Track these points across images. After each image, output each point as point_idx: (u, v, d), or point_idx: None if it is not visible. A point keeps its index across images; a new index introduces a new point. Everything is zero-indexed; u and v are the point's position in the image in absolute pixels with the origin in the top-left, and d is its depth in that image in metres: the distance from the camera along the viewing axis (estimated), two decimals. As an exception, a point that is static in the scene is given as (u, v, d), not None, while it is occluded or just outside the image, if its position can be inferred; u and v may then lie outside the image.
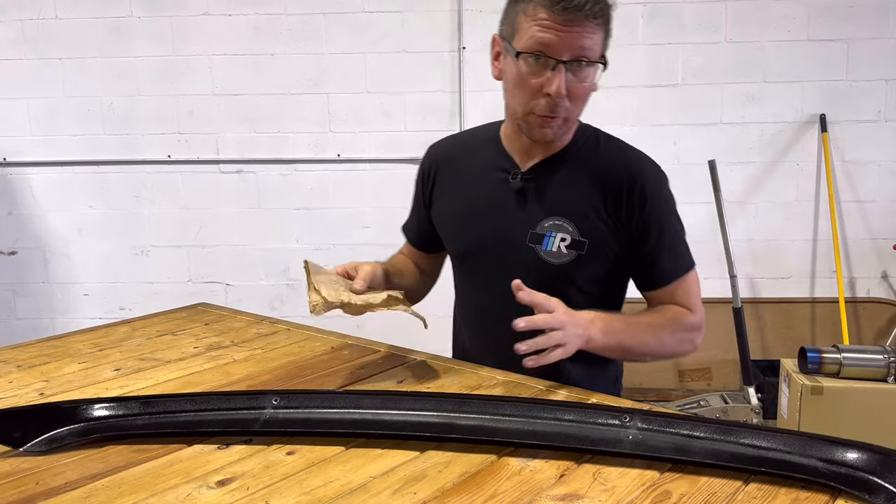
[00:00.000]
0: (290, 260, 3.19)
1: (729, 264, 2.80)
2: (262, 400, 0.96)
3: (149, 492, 0.78)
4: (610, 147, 1.25)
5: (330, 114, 3.08)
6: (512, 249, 1.23)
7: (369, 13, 2.99)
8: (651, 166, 1.23)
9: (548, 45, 1.08)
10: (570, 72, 1.09)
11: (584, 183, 1.21)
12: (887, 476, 0.72)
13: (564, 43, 1.07)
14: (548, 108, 1.12)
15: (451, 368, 1.20)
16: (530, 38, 1.08)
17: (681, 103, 3.01)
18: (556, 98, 1.10)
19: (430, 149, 1.41)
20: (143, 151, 3.14)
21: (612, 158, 1.23)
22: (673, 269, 1.24)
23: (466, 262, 1.33)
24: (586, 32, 1.08)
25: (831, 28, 2.93)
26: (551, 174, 1.23)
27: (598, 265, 1.22)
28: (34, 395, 1.12)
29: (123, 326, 1.53)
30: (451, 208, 1.33)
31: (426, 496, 0.76)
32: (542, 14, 1.07)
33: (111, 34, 3.05)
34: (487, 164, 1.28)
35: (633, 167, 1.21)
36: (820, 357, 2.21)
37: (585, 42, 1.08)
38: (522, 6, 1.10)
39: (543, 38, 1.07)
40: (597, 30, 1.09)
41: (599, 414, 0.88)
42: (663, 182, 1.23)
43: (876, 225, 3.07)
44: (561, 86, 1.08)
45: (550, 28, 1.07)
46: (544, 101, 1.11)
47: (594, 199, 1.20)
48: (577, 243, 1.20)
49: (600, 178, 1.20)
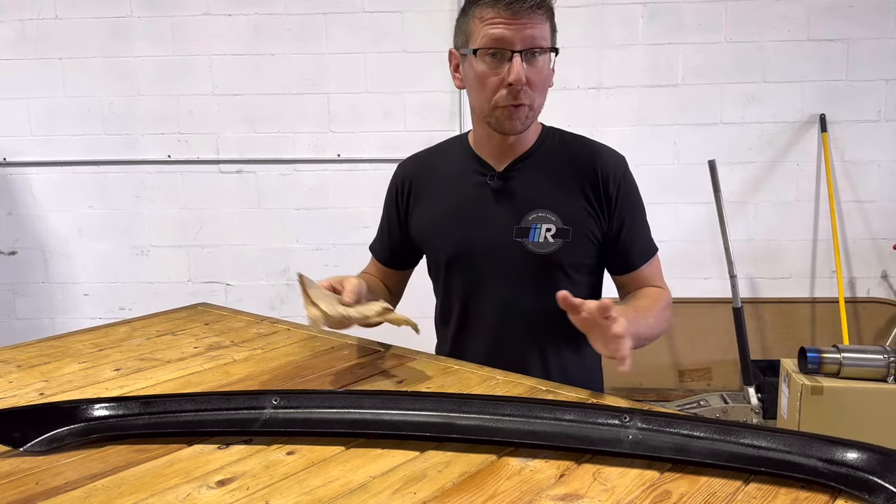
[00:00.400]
0: (290, 260, 3.19)
1: (729, 264, 2.80)
2: (262, 400, 0.96)
3: (149, 492, 0.78)
4: (576, 141, 1.33)
5: (330, 114, 3.08)
6: (500, 247, 1.27)
7: (369, 13, 2.99)
8: (616, 154, 1.31)
9: (501, 39, 1.15)
10: (526, 62, 1.16)
11: (559, 175, 1.28)
12: (887, 476, 0.72)
13: (516, 35, 1.14)
14: (511, 97, 1.17)
15: (451, 368, 1.20)
16: (484, 37, 1.16)
17: (681, 103, 3.01)
18: (517, 85, 1.15)
19: (399, 166, 1.44)
20: (143, 151, 3.14)
21: (581, 151, 1.31)
22: (645, 251, 1.32)
23: (454, 266, 1.34)
24: (534, 23, 1.15)
25: (831, 28, 2.93)
26: (526, 171, 1.29)
27: (583, 250, 1.28)
28: (34, 395, 1.11)
29: (123, 326, 1.53)
30: (433, 217, 1.35)
31: (426, 496, 0.76)
32: (489, 14, 1.15)
33: (111, 34, 3.05)
34: (463, 171, 1.33)
35: (601, 156, 1.29)
36: (820, 357, 2.21)
37: (535, 32, 1.15)
38: (472, 12, 1.19)
39: (495, 33, 1.15)
40: (543, 20, 1.16)
41: (599, 414, 0.88)
42: (628, 168, 1.31)
43: (876, 225, 3.07)
44: (520, 72, 1.14)
45: (500, 24, 1.14)
46: (506, 91, 1.17)
47: (571, 188, 1.27)
48: (562, 231, 1.25)
49: (573, 168, 1.28)
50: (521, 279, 1.28)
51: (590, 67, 3.00)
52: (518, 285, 1.28)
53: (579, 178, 1.27)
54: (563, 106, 2.99)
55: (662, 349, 3.14)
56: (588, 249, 1.28)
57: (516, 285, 1.29)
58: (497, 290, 1.30)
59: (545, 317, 1.27)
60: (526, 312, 1.29)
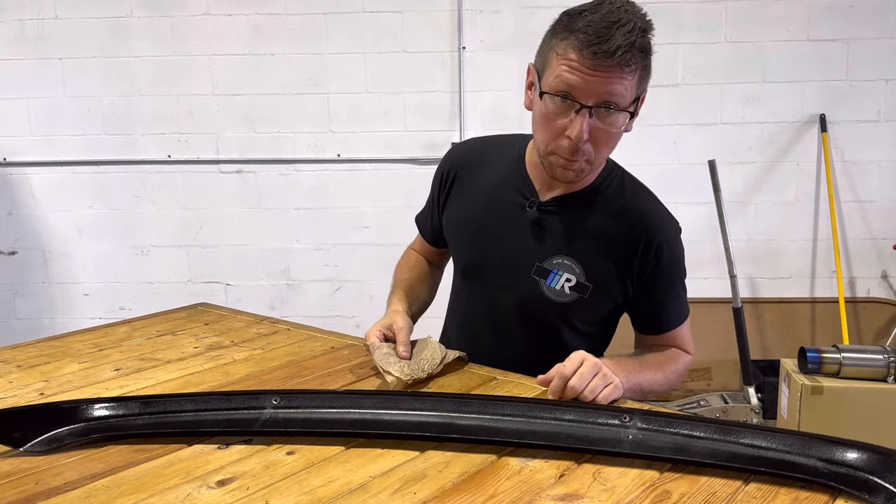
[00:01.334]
0: (290, 260, 3.19)
1: (729, 264, 2.80)
2: (262, 400, 0.96)
3: (149, 492, 0.78)
4: (633, 194, 1.23)
5: (330, 114, 3.08)
6: (515, 277, 1.23)
7: (369, 13, 2.99)
8: (670, 221, 1.23)
9: (573, 88, 1.04)
10: (596, 116, 1.06)
11: (601, 226, 1.20)
12: (887, 476, 0.72)
13: (591, 88, 1.04)
14: (569, 151, 1.09)
15: (451, 368, 1.20)
16: (557, 78, 1.05)
17: (681, 103, 3.01)
18: (577, 142, 1.07)
19: (452, 150, 1.38)
20: (143, 151, 3.14)
21: (634, 207, 1.21)
22: (676, 318, 1.27)
23: (469, 277, 1.33)
24: (616, 79, 1.04)
25: (831, 28, 2.93)
26: (569, 211, 1.21)
27: (598, 309, 1.24)
28: (34, 395, 1.12)
29: (123, 326, 1.53)
30: (463, 220, 1.31)
31: (426, 496, 0.76)
32: (572, 55, 1.03)
33: (111, 34, 3.05)
34: (507, 185, 1.26)
35: (653, 220, 1.21)
36: (820, 357, 2.21)
37: (614, 88, 1.04)
38: (556, 42, 1.07)
39: (570, 79, 1.04)
40: (627, 76, 1.05)
41: (599, 414, 0.88)
42: (679, 238, 1.24)
43: (876, 225, 3.07)
44: (583, 130, 1.06)
45: (578, 70, 1.03)
46: (566, 143, 1.08)
47: (608, 245, 1.19)
48: (581, 286, 1.20)
49: (618, 224, 1.19)
50: (527, 316, 1.25)
51: (590, 67, 3.00)
52: (522, 320, 1.26)
53: (620, 235, 1.19)
54: (563, 106, 2.99)
55: (662, 349, 3.13)
56: (604, 309, 1.25)
57: (520, 320, 1.26)
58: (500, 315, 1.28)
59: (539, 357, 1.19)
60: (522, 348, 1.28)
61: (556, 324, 1.24)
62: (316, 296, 3.17)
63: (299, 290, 3.21)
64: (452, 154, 1.37)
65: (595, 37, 1.01)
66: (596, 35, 1.01)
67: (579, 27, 1.03)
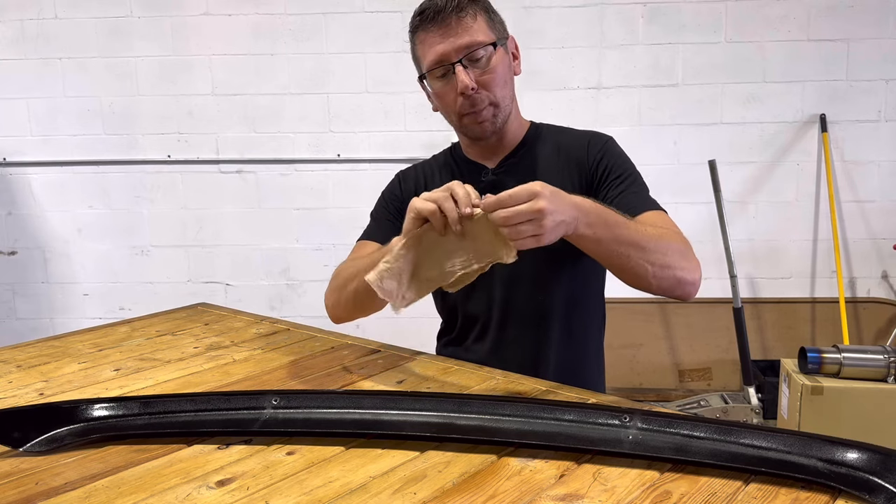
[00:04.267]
0: (290, 260, 3.19)
1: (729, 264, 2.80)
2: (262, 400, 0.96)
3: (149, 492, 0.78)
4: (563, 131, 1.35)
5: (330, 114, 3.08)
6: None
7: (369, 13, 2.99)
8: (600, 133, 1.33)
9: (438, 57, 1.19)
10: (470, 66, 1.18)
11: (549, 165, 1.29)
12: (887, 476, 0.72)
13: (448, 48, 1.18)
14: (468, 105, 1.20)
15: (451, 368, 1.20)
16: (425, 60, 1.22)
17: (681, 103, 3.01)
18: (467, 92, 1.18)
19: (399, 173, 1.44)
20: (143, 151, 3.14)
21: (567, 136, 1.33)
22: (646, 203, 1.21)
23: None
24: (460, 29, 1.17)
25: (831, 28, 2.93)
26: (517, 165, 1.30)
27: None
28: (34, 395, 1.11)
29: (123, 326, 1.53)
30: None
31: (426, 496, 0.76)
32: (421, 37, 1.21)
33: (111, 34, 3.05)
34: (458, 174, 1.34)
35: (585, 136, 1.31)
36: (820, 357, 2.21)
37: (465, 37, 1.17)
38: (413, 43, 1.26)
39: (431, 52, 1.19)
40: (470, 20, 1.18)
41: (599, 414, 0.88)
42: (612, 142, 1.31)
43: (876, 225, 3.07)
44: (466, 81, 1.17)
45: (432, 43, 1.19)
46: (462, 99, 1.20)
47: (562, 176, 1.27)
48: None
49: (561, 156, 1.29)
50: (523, 274, 1.26)
51: (590, 67, 3.00)
52: (519, 281, 1.28)
53: (568, 164, 1.28)
54: (564, 106, 2.99)
55: (662, 349, 3.14)
56: None
57: (517, 281, 1.28)
58: (498, 289, 1.29)
59: (547, 311, 1.27)
60: (527, 309, 1.29)
61: (554, 268, 1.26)
62: (316, 296, 3.15)
63: (299, 290, 3.21)
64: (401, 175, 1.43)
65: (425, 10, 1.20)
66: (424, 8, 1.20)
67: (414, 17, 1.23)
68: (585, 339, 1.34)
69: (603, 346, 1.40)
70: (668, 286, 1.11)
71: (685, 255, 1.12)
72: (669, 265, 1.09)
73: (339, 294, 1.29)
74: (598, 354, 1.38)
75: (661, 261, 1.08)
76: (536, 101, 2.94)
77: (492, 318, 1.32)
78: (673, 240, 1.11)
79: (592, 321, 1.35)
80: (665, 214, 1.20)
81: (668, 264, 1.09)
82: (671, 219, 1.20)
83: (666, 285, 1.11)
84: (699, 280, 1.15)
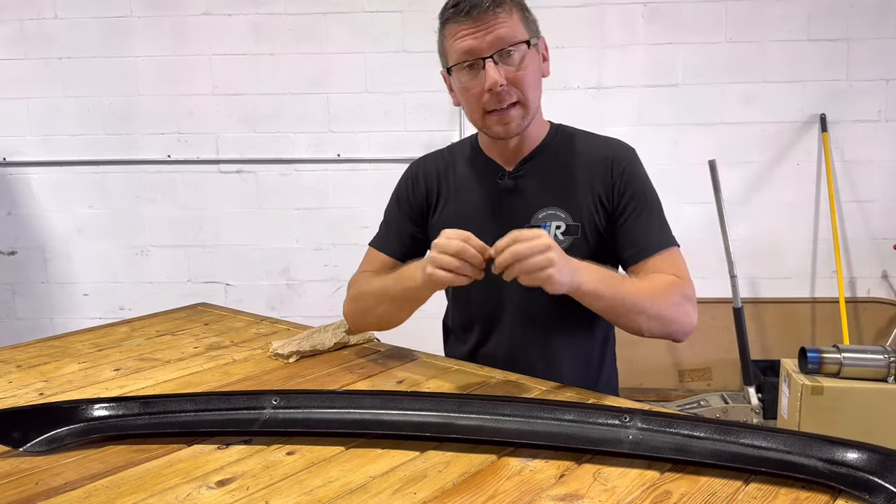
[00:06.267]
0: (290, 260, 3.19)
1: (729, 264, 2.80)
2: (262, 400, 0.96)
3: (149, 492, 0.78)
4: (583, 136, 1.32)
5: (330, 114, 3.08)
6: None
7: (369, 13, 2.99)
8: (623, 144, 1.29)
9: (469, 51, 1.15)
10: (501, 63, 1.15)
11: (569, 170, 1.26)
12: (887, 476, 0.72)
13: (481, 42, 1.14)
14: (495, 101, 1.17)
15: (450, 368, 1.20)
16: (455, 53, 1.17)
17: (681, 103, 3.01)
18: (495, 89, 1.15)
19: (414, 163, 1.41)
20: (143, 151, 3.14)
21: (589, 145, 1.29)
22: (661, 240, 1.23)
23: None
24: (496, 24, 1.14)
25: (831, 28, 2.93)
26: (535, 169, 1.28)
27: (593, 246, 1.25)
28: (34, 395, 1.11)
29: (123, 326, 1.53)
30: (447, 217, 1.32)
31: (426, 496, 0.76)
32: (454, 28, 1.16)
33: (111, 34, 3.05)
34: (474, 172, 1.32)
35: (609, 149, 1.28)
36: (820, 357, 2.21)
37: (500, 32, 1.14)
38: (442, 34, 1.21)
39: (462, 45, 1.15)
40: (508, 16, 1.15)
41: (599, 414, 0.88)
42: (638, 159, 1.29)
43: (876, 225, 3.07)
44: (495, 77, 1.14)
45: (464, 36, 1.15)
46: (488, 96, 1.17)
47: (581, 183, 1.25)
48: (571, 228, 1.24)
49: (580, 163, 1.26)
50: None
51: (590, 67, 3.00)
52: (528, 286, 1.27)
53: (587, 171, 1.25)
54: (563, 106, 2.99)
55: (662, 349, 3.14)
56: (597, 245, 1.25)
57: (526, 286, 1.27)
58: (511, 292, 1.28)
59: (560, 316, 1.26)
60: (540, 313, 1.27)
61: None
62: (316, 296, 3.17)
63: (299, 290, 3.21)
64: (416, 166, 1.40)
65: (460, 3, 1.15)
66: (459, 1, 1.15)
67: (446, 8, 1.18)
68: (596, 341, 1.33)
69: (614, 348, 1.40)
70: (660, 336, 1.17)
71: (681, 308, 1.16)
72: (666, 322, 1.14)
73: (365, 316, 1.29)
74: (611, 357, 1.38)
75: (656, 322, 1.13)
76: (536, 101, 2.93)
77: (501, 320, 1.31)
78: (670, 295, 1.14)
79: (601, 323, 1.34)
80: (676, 255, 1.23)
81: (664, 322, 1.14)
82: (680, 257, 1.23)
83: (658, 335, 1.16)
84: (692, 330, 1.19)
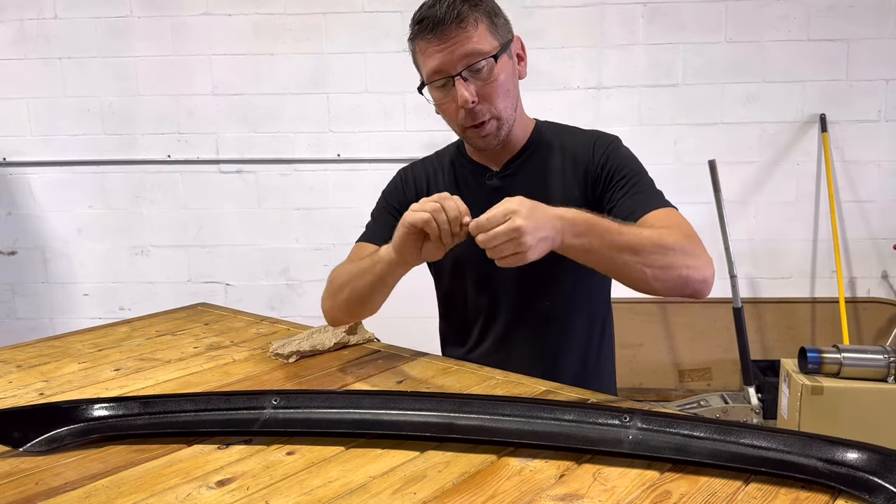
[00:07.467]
0: (290, 260, 3.19)
1: (729, 264, 2.80)
2: (262, 400, 0.96)
3: (149, 492, 0.78)
4: (569, 130, 1.32)
5: (330, 114, 3.08)
6: None
7: (369, 13, 2.99)
8: (607, 133, 1.30)
9: (437, 70, 1.15)
10: (471, 78, 1.14)
11: (555, 165, 1.27)
12: (887, 476, 0.72)
13: (449, 59, 1.13)
14: (470, 118, 1.17)
15: (450, 368, 1.20)
16: (426, 70, 1.17)
17: (681, 103, 3.01)
18: (467, 107, 1.15)
19: (401, 170, 1.41)
20: (143, 151, 3.14)
21: (574, 138, 1.30)
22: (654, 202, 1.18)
23: (460, 270, 1.32)
24: (461, 39, 1.12)
25: (831, 28, 2.93)
26: (523, 167, 1.28)
27: None
28: (34, 395, 1.11)
29: (123, 326, 1.53)
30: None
31: (426, 496, 0.76)
32: (422, 46, 1.16)
33: (111, 34, 3.05)
34: (462, 175, 1.33)
35: (591, 136, 1.28)
36: (820, 357, 2.21)
37: (466, 48, 1.13)
38: (412, 50, 1.21)
39: (431, 63, 1.15)
40: (470, 31, 1.13)
41: (599, 414, 0.88)
42: (621, 143, 1.28)
43: (876, 225, 3.07)
44: (466, 95, 1.13)
45: (432, 53, 1.14)
46: (463, 113, 1.17)
47: (568, 177, 1.26)
48: None
49: (568, 156, 1.27)
50: (527, 277, 1.25)
51: (590, 67, 3.00)
52: (525, 284, 1.27)
53: (574, 166, 1.25)
54: (563, 106, 2.99)
55: (662, 349, 3.14)
56: None
57: (523, 284, 1.27)
58: (504, 292, 1.29)
59: (554, 313, 1.26)
60: (534, 311, 1.28)
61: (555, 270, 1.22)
62: (316, 296, 3.13)
63: (299, 290, 3.21)
64: (404, 172, 1.40)
65: (424, 18, 1.14)
66: (423, 17, 1.14)
67: (414, 21, 1.17)
68: (592, 340, 1.33)
69: (613, 348, 1.40)
70: (674, 286, 1.06)
71: (690, 253, 1.06)
72: (670, 265, 1.04)
73: (333, 300, 1.29)
74: (608, 356, 1.38)
75: (660, 262, 1.03)
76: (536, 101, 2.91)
77: (497, 321, 1.31)
78: (674, 238, 1.06)
79: (598, 321, 1.34)
80: (672, 211, 1.17)
81: (668, 265, 1.04)
82: (679, 215, 1.16)
83: (671, 286, 1.05)
84: (711, 277, 1.08)
